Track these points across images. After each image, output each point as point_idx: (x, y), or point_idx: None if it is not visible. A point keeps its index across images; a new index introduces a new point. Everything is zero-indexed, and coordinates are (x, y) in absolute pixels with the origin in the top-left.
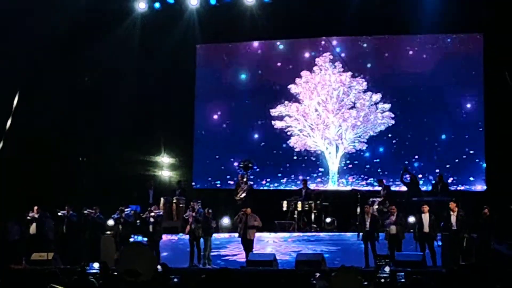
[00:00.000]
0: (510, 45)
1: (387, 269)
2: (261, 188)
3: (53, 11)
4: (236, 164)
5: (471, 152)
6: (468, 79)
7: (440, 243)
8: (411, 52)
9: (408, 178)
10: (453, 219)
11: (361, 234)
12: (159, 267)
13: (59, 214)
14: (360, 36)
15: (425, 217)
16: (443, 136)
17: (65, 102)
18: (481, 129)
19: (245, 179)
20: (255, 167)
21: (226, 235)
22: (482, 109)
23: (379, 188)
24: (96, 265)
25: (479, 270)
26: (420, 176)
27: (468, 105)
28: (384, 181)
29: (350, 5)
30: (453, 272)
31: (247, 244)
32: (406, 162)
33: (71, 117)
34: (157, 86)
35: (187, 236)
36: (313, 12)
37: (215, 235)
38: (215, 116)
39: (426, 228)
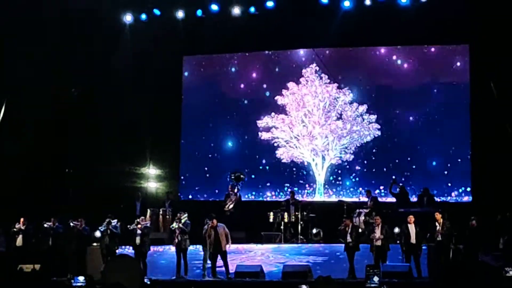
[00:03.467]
0: (496, 55)
1: (376, 279)
2: (248, 199)
3: (41, 23)
4: (223, 175)
5: (457, 162)
6: (454, 90)
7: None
8: (397, 64)
9: (398, 190)
10: (439, 230)
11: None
12: (147, 280)
13: (45, 226)
14: (346, 47)
15: (411, 228)
16: (429, 147)
17: (51, 113)
18: (467, 139)
19: (235, 190)
20: (246, 179)
21: None
22: (469, 119)
23: (366, 199)
24: (81, 278)
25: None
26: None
27: (455, 115)
28: (371, 192)
29: (336, 16)
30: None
31: (222, 256)
32: (394, 177)
33: (57, 129)
34: (143, 97)
35: (174, 248)
36: (300, 23)
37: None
38: (202, 127)
39: (412, 239)
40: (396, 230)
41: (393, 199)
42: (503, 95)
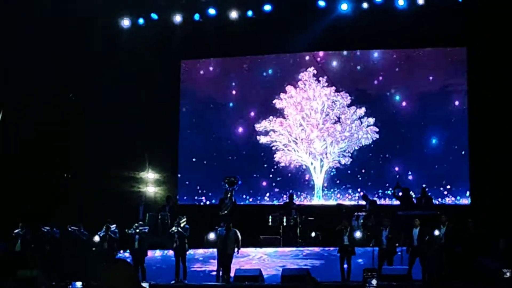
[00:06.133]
0: (493, 57)
1: (374, 282)
2: (246, 203)
3: (38, 28)
4: (221, 179)
5: (456, 165)
6: (452, 92)
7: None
8: (395, 66)
9: (401, 193)
10: (443, 232)
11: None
12: (146, 285)
13: (43, 230)
14: (344, 51)
15: (416, 231)
16: (428, 150)
17: (50, 118)
18: (465, 142)
19: (229, 195)
20: (239, 182)
21: (212, 250)
22: (466, 121)
23: (364, 203)
24: (79, 283)
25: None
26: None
27: (453, 119)
28: (368, 195)
29: (334, 20)
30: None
31: (227, 259)
32: (397, 176)
33: (56, 134)
34: (141, 102)
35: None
36: (297, 27)
37: (200, 251)
38: (200, 132)
39: (415, 242)
40: (436, 232)
41: (393, 203)
42: (501, 97)
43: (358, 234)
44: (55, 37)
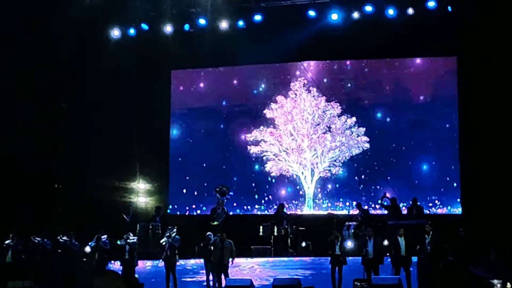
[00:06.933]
0: (483, 67)
1: None
2: (237, 213)
3: (32, 38)
4: (212, 189)
5: (447, 174)
6: (442, 102)
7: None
8: (385, 76)
9: (389, 202)
10: (428, 242)
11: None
12: None
13: (34, 241)
14: (334, 61)
15: (401, 241)
16: (418, 159)
17: (40, 128)
18: (456, 152)
19: (221, 205)
20: (231, 193)
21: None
22: (457, 131)
23: (355, 212)
24: None
25: None
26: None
27: (443, 128)
28: (361, 204)
29: (324, 30)
30: None
31: (223, 269)
32: (385, 192)
33: (47, 144)
34: (132, 112)
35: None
36: (288, 37)
37: (191, 261)
38: (191, 141)
39: (402, 252)
40: (386, 242)
41: (384, 212)
42: (491, 107)
43: (349, 243)
44: (48, 46)
